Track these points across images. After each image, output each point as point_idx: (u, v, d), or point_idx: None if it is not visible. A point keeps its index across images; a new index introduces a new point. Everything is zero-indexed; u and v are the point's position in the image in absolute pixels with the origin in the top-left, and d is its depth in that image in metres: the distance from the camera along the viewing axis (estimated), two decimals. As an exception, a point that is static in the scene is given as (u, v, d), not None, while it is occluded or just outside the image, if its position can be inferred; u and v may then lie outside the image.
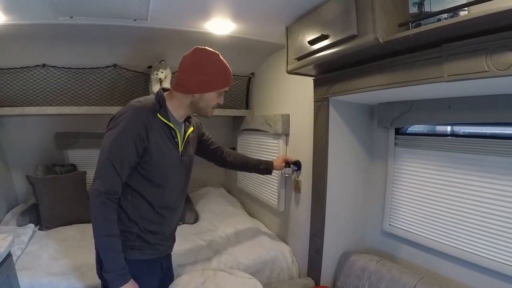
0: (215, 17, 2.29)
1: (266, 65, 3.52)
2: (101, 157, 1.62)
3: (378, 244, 2.54)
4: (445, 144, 2.08)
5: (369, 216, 2.60)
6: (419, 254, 2.23)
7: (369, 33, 1.59)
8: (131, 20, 2.33)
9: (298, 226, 2.88)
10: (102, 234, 1.59)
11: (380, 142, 2.50)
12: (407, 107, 2.17)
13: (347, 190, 2.53)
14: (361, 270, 2.29)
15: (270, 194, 3.30)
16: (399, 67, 1.69)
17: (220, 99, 1.83)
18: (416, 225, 2.24)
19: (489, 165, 1.83)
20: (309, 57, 2.06)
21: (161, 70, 3.11)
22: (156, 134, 1.69)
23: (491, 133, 1.94)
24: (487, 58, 1.33)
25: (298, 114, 2.86)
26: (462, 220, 1.96)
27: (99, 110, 3.25)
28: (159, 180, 1.76)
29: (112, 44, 2.94)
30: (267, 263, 2.74)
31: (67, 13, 2.19)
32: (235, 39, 2.70)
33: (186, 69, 1.72)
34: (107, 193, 1.59)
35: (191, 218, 3.45)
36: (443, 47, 1.47)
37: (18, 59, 2.99)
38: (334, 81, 2.19)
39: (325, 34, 1.85)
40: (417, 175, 2.25)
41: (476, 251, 1.88)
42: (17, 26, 2.36)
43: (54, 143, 3.80)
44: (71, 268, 2.39)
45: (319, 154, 2.43)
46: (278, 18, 2.25)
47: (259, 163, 2.51)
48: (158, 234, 1.84)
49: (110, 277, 1.59)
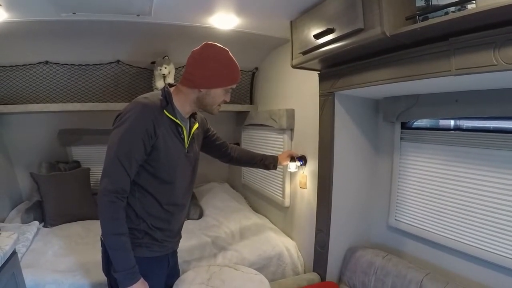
0: (219, 11, 2.27)
1: (270, 60, 3.50)
2: (108, 155, 1.60)
3: (384, 239, 2.53)
4: (451, 138, 2.07)
5: (375, 211, 2.60)
6: (425, 249, 2.23)
7: (376, 26, 1.57)
8: (134, 16, 2.31)
9: (303, 221, 2.87)
10: (112, 233, 1.58)
11: (385, 137, 2.49)
12: (413, 101, 2.16)
13: (353, 185, 2.52)
14: (367, 265, 2.28)
15: (275, 189, 3.29)
16: (406, 61, 1.68)
17: (227, 96, 1.81)
18: (422, 219, 2.23)
19: (496, 159, 1.82)
20: (315, 51, 2.04)
21: (165, 66, 3.10)
22: (164, 130, 1.67)
23: (498, 127, 1.93)
24: (495, 52, 1.31)
25: (303, 109, 2.85)
26: (469, 215, 1.96)
27: (102, 107, 3.24)
28: (167, 177, 1.75)
29: (115, 40, 2.93)
30: (273, 258, 2.74)
31: (70, 9, 2.18)
32: (238, 33, 2.68)
33: (194, 63, 1.70)
34: (116, 191, 1.57)
35: (195, 214, 3.45)
36: (450, 41, 1.46)
37: (21, 56, 2.98)
38: (340, 75, 2.17)
39: (330, 28, 1.83)
40: (423, 169, 2.24)
41: (483, 245, 1.88)
42: (19, 24, 2.35)
43: (58, 140, 3.79)
44: (76, 265, 2.39)
45: (325, 148, 2.42)
46: (282, 12, 2.23)
47: (264, 158, 2.49)
48: (166, 231, 1.83)
49: (120, 276, 1.58)
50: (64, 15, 2.24)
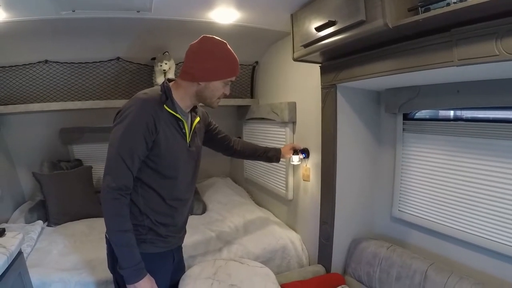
0: (220, 5, 2.27)
1: (270, 53, 3.49)
2: (110, 152, 1.60)
3: (388, 230, 2.54)
4: (453, 129, 2.07)
5: (378, 202, 2.61)
6: (429, 239, 2.24)
7: (378, 18, 1.57)
8: (134, 12, 2.30)
9: (307, 214, 2.88)
10: (116, 230, 1.58)
11: (388, 128, 2.49)
12: (415, 92, 2.16)
13: (356, 177, 2.53)
14: (372, 256, 2.30)
15: (278, 183, 3.30)
16: (408, 52, 1.67)
17: (226, 89, 1.81)
18: (426, 210, 2.24)
19: (498, 149, 1.82)
20: (316, 44, 2.04)
21: (165, 62, 3.09)
22: (164, 125, 1.67)
23: (500, 117, 1.93)
24: (497, 42, 1.31)
25: (305, 102, 2.85)
26: (472, 205, 1.96)
27: (103, 104, 3.23)
28: (169, 172, 1.75)
29: (115, 37, 2.92)
30: (277, 251, 2.75)
31: (69, 7, 2.17)
32: (238, 27, 2.67)
33: (192, 56, 1.70)
34: (119, 188, 1.57)
35: (199, 209, 3.47)
36: (452, 32, 1.46)
37: (20, 56, 2.97)
38: (342, 68, 2.17)
39: (332, 20, 1.83)
40: (426, 160, 2.24)
41: (486, 235, 1.89)
42: (18, 23, 2.33)
43: (59, 139, 3.79)
44: (82, 263, 2.40)
45: (327, 141, 2.43)
46: (283, 6, 2.23)
47: (267, 150, 2.49)
48: (170, 226, 1.83)
49: (126, 273, 1.59)
50: (63, 13, 2.23)
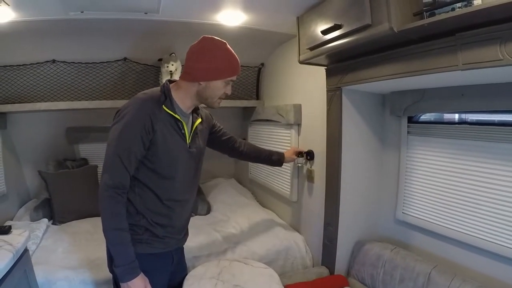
0: (226, 8, 2.29)
1: (276, 56, 3.50)
2: (108, 151, 1.63)
3: (392, 233, 2.55)
4: (458, 132, 2.07)
5: (382, 205, 2.61)
6: (433, 242, 2.24)
7: (384, 22, 1.58)
8: (142, 13, 2.33)
9: (311, 215, 2.89)
10: (111, 228, 1.60)
11: (392, 131, 2.50)
12: (419, 95, 2.17)
13: (361, 179, 2.54)
14: (376, 258, 2.30)
15: (282, 184, 3.30)
16: (413, 56, 1.68)
17: (227, 88, 1.81)
18: (430, 213, 2.24)
19: (502, 152, 1.82)
20: (322, 47, 2.05)
21: (172, 63, 3.11)
22: (162, 125, 1.68)
23: (504, 121, 1.93)
24: (501, 47, 1.32)
25: (310, 104, 2.86)
26: (476, 207, 1.96)
27: (109, 104, 3.25)
28: (166, 172, 1.75)
29: (122, 37, 2.94)
30: (281, 252, 2.75)
31: (78, 8, 2.19)
32: (244, 30, 2.69)
33: (192, 57, 1.72)
34: (115, 187, 1.60)
35: (203, 209, 3.48)
36: (457, 36, 1.46)
37: (28, 55, 2.99)
38: (347, 71, 2.18)
39: (338, 23, 1.84)
40: (430, 163, 2.25)
41: (489, 237, 1.88)
42: (27, 23, 2.35)
43: (65, 138, 3.83)
44: (86, 262, 2.41)
45: (332, 143, 2.44)
46: (289, 8, 2.24)
47: (271, 154, 2.50)
48: (167, 227, 1.83)
49: (119, 271, 1.60)
50: (72, 14, 2.25)
